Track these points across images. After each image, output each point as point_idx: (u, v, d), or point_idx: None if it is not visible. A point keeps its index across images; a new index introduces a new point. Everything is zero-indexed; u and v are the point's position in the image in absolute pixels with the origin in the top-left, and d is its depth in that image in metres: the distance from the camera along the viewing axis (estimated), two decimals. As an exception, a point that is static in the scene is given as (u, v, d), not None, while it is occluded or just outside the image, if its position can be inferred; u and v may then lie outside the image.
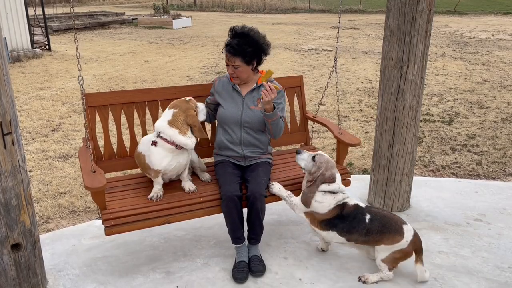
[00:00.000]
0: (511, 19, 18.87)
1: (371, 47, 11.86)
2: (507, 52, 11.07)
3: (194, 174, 2.98)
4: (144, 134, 3.04)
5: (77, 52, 2.51)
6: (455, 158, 4.69)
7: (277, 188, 2.77)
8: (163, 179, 2.70)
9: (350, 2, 24.92)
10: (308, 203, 2.63)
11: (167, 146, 2.59)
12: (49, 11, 15.11)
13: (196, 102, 2.74)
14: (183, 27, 16.38)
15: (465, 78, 8.35)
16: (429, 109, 6.40)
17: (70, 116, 5.95)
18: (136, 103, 3.01)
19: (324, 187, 2.63)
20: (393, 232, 2.54)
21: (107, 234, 2.48)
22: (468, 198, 3.72)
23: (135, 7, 26.22)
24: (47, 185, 4.02)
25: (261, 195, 2.64)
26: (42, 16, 11.52)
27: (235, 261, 2.76)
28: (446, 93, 7.29)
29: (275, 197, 2.81)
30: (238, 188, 2.67)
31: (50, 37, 11.62)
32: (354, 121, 5.85)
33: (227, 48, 2.79)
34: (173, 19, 16.52)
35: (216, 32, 14.79)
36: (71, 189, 3.94)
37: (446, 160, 4.65)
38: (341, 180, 2.70)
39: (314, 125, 3.51)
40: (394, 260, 2.59)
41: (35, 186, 3.97)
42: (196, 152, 2.98)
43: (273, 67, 9.12)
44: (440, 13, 21.43)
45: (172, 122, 2.59)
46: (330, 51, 11.30)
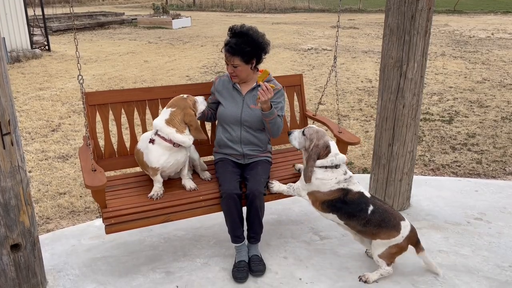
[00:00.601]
0: (510, 18, 18.87)
1: (371, 47, 11.86)
2: (506, 51, 11.06)
3: (194, 172, 2.98)
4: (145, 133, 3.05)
5: (76, 51, 2.50)
6: (455, 157, 4.68)
7: (277, 186, 2.76)
8: (162, 176, 2.70)
9: (350, 1, 24.91)
10: (309, 177, 2.59)
11: (164, 144, 2.59)
12: (48, 11, 15.11)
13: (194, 98, 2.75)
14: (182, 27, 16.37)
15: (465, 77, 8.35)
16: (429, 108, 6.40)
17: (69, 117, 5.94)
18: (136, 101, 3.01)
19: (322, 161, 2.59)
20: (391, 228, 2.54)
21: (107, 232, 2.48)
22: (468, 197, 3.71)
23: (135, 7, 26.22)
24: (47, 185, 4.02)
25: (260, 193, 2.64)
26: (41, 17, 11.52)
27: (235, 260, 2.75)
28: (446, 92, 7.29)
29: (275, 195, 2.80)
30: (238, 186, 2.67)
31: (50, 37, 11.61)
32: (354, 120, 5.85)
33: (226, 47, 2.80)
34: (173, 19, 16.51)
35: (216, 32, 14.79)
36: (70, 189, 3.93)
37: (446, 159, 4.65)
38: (337, 147, 2.66)
39: (314, 123, 3.50)
40: (391, 255, 2.59)
41: (34, 187, 3.97)
42: (197, 150, 2.99)
43: (273, 66, 9.12)
44: (439, 12, 21.43)
45: (169, 121, 2.60)
46: (330, 50, 11.29)
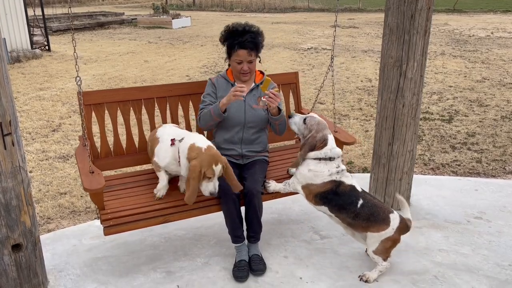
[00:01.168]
0: (510, 17, 18.87)
1: (371, 46, 11.86)
2: (506, 50, 11.06)
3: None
4: (141, 132, 3.05)
5: (74, 52, 2.50)
6: (455, 156, 4.69)
7: (273, 185, 2.77)
8: (166, 173, 2.72)
9: (349, 0, 24.90)
10: (297, 164, 2.62)
11: (177, 154, 2.59)
12: (48, 11, 15.09)
13: (219, 166, 2.47)
14: (182, 27, 16.37)
15: (465, 76, 8.35)
16: (428, 107, 6.41)
17: (70, 117, 5.95)
18: (132, 101, 2.99)
19: (316, 153, 2.57)
20: (380, 222, 2.56)
21: (106, 234, 2.48)
22: (468, 196, 3.72)
23: (134, 7, 26.20)
24: (48, 185, 4.02)
25: (258, 192, 2.66)
26: (41, 17, 11.52)
27: (236, 260, 2.76)
28: (445, 91, 7.29)
29: (272, 195, 2.81)
30: None
31: (50, 37, 11.61)
32: (354, 120, 5.86)
33: (242, 45, 2.74)
34: (173, 19, 16.50)
35: (216, 32, 14.78)
36: (71, 189, 3.94)
37: (446, 158, 4.65)
38: (334, 141, 2.64)
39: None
40: (386, 250, 2.60)
41: (35, 187, 3.98)
42: None
43: (272, 66, 9.13)
44: (439, 11, 21.42)
45: (190, 152, 2.48)
46: (330, 50, 11.29)
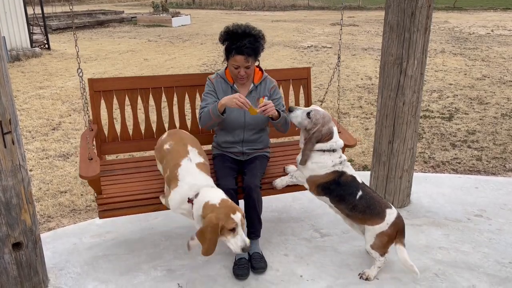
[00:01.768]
0: (510, 15, 18.84)
1: (371, 44, 11.84)
2: (506, 48, 11.05)
3: None
4: (148, 120, 3.15)
5: (76, 46, 2.52)
6: (455, 154, 4.69)
7: (279, 181, 2.79)
8: None
9: (349, -2, 24.87)
10: (305, 161, 2.60)
11: (189, 207, 2.40)
12: (48, 10, 15.07)
13: (239, 215, 2.27)
14: (182, 25, 16.35)
15: (465, 74, 8.34)
16: (429, 105, 6.40)
17: (70, 115, 5.94)
18: (140, 89, 3.12)
19: (321, 145, 2.58)
20: (375, 215, 2.56)
21: (100, 217, 2.60)
22: (469, 193, 3.72)
23: (134, 6, 26.18)
24: (48, 184, 4.02)
25: (256, 186, 2.67)
26: (41, 15, 11.51)
27: (236, 258, 2.76)
28: (445, 89, 7.29)
29: (274, 190, 2.83)
30: (234, 181, 2.71)
31: (49, 36, 11.60)
32: (354, 118, 5.85)
33: (239, 50, 2.67)
34: (172, 17, 16.49)
35: (215, 30, 14.76)
36: (71, 188, 3.94)
37: (446, 156, 4.65)
38: (337, 133, 2.66)
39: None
40: (383, 245, 2.59)
41: (35, 185, 3.98)
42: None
43: (272, 64, 9.12)
44: (439, 9, 21.39)
45: (204, 213, 2.29)
46: (330, 48, 11.28)
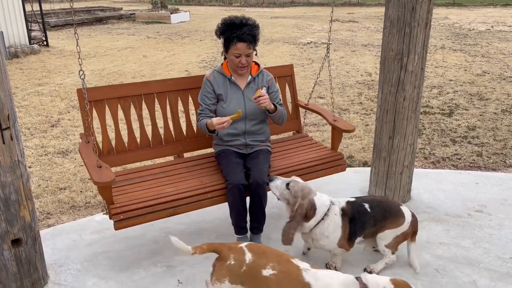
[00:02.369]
0: (510, 11, 18.80)
1: (370, 40, 11.82)
2: (506, 44, 11.03)
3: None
4: (142, 128, 3.04)
5: (77, 45, 2.47)
6: (456, 150, 4.68)
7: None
8: None
9: (349, -5, 24.78)
10: (290, 240, 2.36)
11: None
12: (46, 6, 15.01)
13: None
14: (181, 22, 16.30)
15: (465, 70, 8.32)
16: (429, 101, 6.39)
17: (68, 112, 5.93)
18: (133, 96, 2.99)
19: (316, 219, 2.41)
20: (395, 215, 2.53)
21: (116, 228, 2.47)
22: (469, 189, 3.71)
23: (133, 2, 26.08)
24: (47, 180, 4.01)
25: (264, 182, 2.66)
26: (39, 12, 11.46)
27: (236, 253, 2.76)
28: (446, 85, 7.27)
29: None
30: (244, 177, 2.69)
31: (48, 32, 11.56)
32: (354, 114, 5.84)
33: (241, 38, 2.72)
34: (171, 13, 16.44)
35: (214, 27, 14.57)
36: (70, 185, 3.93)
37: (447, 152, 4.64)
38: (319, 197, 2.46)
39: (316, 117, 3.50)
40: (396, 244, 2.59)
41: (35, 182, 3.96)
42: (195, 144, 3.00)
43: (272, 60, 9.10)
44: (439, 5, 21.34)
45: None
46: (330, 44, 11.24)
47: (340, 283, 2.01)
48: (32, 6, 11.86)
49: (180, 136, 3.16)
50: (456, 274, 2.66)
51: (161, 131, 3.13)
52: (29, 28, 10.46)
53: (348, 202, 2.53)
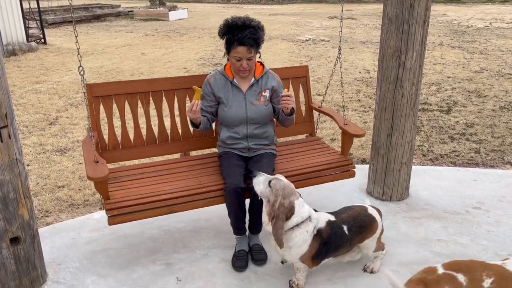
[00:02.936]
0: (508, 8, 18.80)
1: (369, 37, 11.81)
2: (504, 41, 11.03)
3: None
4: (149, 124, 3.07)
5: (76, 42, 2.47)
6: (454, 147, 4.69)
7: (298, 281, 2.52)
8: None
9: (347, -8, 24.77)
10: (281, 241, 2.26)
11: None
12: (43, 4, 14.95)
13: None
14: (179, 19, 16.27)
15: (463, 67, 8.33)
16: (427, 98, 6.39)
17: (67, 110, 5.91)
18: (140, 93, 3.02)
19: (292, 222, 2.30)
20: (369, 224, 2.49)
21: (110, 223, 2.49)
22: (467, 186, 3.72)
23: (131, -1, 26.00)
24: (45, 178, 4.01)
25: None
26: (37, 9, 11.42)
27: (235, 250, 2.76)
28: (444, 82, 7.28)
29: None
30: (242, 180, 2.66)
31: (45, 30, 11.53)
32: (352, 111, 5.84)
33: (241, 41, 2.62)
34: (169, 11, 16.40)
35: (213, 24, 14.70)
36: (69, 183, 3.93)
37: (445, 149, 4.65)
38: (301, 204, 2.34)
39: (319, 115, 3.49)
40: (380, 243, 2.61)
41: (33, 180, 3.96)
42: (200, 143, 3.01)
43: (270, 58, 9.09)
44: (437, 2, 21.33)
45: None
46: (328, 41, 11.24)
47: None
48: (29, 4, 11.81)
49: (187, 134, 3.16)
50: (454, 271, 2.67)
51: (167, 129, 3.14)
52: (27, 25, 10.42)
53: (328, 222, 2.39)
